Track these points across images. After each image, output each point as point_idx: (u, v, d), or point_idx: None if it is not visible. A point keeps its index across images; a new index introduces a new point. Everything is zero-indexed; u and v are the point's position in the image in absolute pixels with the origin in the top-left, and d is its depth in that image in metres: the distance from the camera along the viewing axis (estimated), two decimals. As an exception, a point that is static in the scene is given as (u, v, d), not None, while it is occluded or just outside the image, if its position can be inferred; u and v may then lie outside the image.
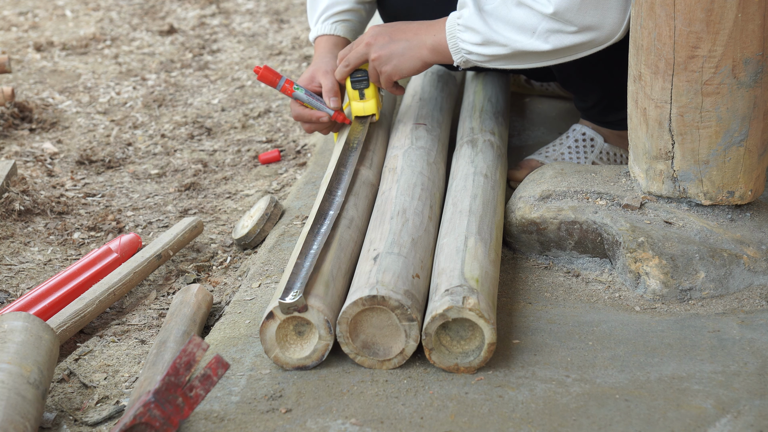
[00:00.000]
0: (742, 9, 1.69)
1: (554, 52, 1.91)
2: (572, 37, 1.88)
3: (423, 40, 2.01)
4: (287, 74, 3.36)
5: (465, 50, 1.97)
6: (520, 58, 1.95)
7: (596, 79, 2.13)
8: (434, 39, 2.00)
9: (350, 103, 2.12)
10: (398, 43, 2.03)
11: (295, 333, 1.58)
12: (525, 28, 1.90)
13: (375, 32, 2.06)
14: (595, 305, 1.79)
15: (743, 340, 1.65)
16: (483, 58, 1.97)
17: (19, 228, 2.31)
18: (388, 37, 2.04)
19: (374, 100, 2.11)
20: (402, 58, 2.03)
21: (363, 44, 2.06)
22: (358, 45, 2.07)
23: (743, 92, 1.75)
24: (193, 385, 1.42)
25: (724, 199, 1.84)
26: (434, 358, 1.56)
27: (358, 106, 2.11)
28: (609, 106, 2.16)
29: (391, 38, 2.04)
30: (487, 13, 1.94)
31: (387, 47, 2.03)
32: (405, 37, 2.03)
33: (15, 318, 1.63)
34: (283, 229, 2.10)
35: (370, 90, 2.10)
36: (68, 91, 3.26)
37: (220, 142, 2.83)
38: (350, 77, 2.10)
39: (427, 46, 2.01)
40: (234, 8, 4.12)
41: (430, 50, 2.01)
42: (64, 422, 1.59)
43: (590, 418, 1.45)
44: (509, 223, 1.94)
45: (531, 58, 1.94)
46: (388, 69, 2.04)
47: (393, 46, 2.03)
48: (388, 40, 2.03)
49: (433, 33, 2.01)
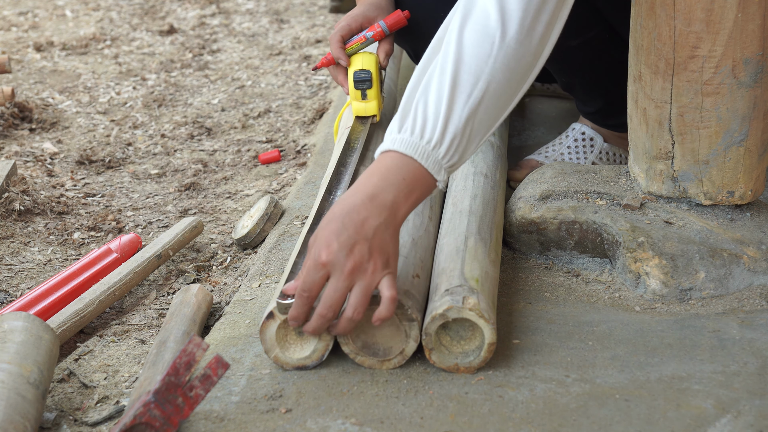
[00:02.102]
0: (742, 9, 1.69)
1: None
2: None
3: (378, 208, 1.51)
4: (287, 74, 3.36)
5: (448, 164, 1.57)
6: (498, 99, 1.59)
7: (600, 90, 2.13)
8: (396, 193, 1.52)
9: (351, 102, 2.11)
10: (361, 240, 1.49)
11: (295, 333, 1.58)
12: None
13: (323, 245, 1.49)
14: (595, 305, 1.79)
15: (743, 340, 1.65)
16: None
17: (19, 228, 2.31)
18: (347, 243, 1.48)
19: (376, 101, 2.10)
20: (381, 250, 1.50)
21: (319, 265, 1.49)
22: (314, 268, 1.49)
23: (743, 92, 1.75)
24: (193, 385, 1.42)
25: (724, 199, 1.84)
26: (434, 358, 1.56)
27: (360, 107, 2.10)
28: (611, 111, 2.16)
29: (349, 241, 1.48)
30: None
31: (353, 256, 1.48)
32: (358, 229, 1.49)
33: (15, 318, 1.63)
34: (283, 229, 2.10)
35: (372, 90, 2.08)
36: (68, 91, 3.26)
37: (220, 142, 2.83)
38: (353, 76, 2.08)
39: (393, 208, 1.51)
40: (234, 8, 4.12)
41: (401, 207, 1.52)
42: (64, 422, 1.59)
43: (590, 418, 1.45)
44: (509, 223, 1.94)
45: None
46: (377, 275, 1.49)
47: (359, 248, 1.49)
48: (348, 246, 1.48)
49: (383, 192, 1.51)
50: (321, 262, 1.48)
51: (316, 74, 3.33)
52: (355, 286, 1.48)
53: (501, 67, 1.56)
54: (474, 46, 1.56)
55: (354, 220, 1.49)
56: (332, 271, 1.48)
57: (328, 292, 1.49)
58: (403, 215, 1.53)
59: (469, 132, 1.55)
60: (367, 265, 1.48)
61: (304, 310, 1.51)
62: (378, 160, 1.56)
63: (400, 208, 1.52)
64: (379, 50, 2.11)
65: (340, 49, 2.10)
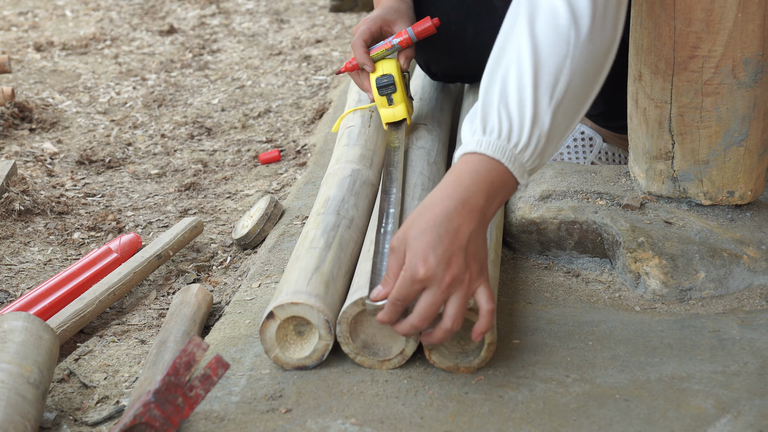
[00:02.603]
0: (742, 9, 1.69)
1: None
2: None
3: (461, 208, 1.48)
4: (287, 74, 3.36)
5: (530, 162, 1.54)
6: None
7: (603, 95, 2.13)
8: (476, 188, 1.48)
9: (379, 110, 2.04)
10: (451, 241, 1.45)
11: (295, 333, 1.58)
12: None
13: (416, 251, 1.45)
14: (595, 305, 1.79)
15: (743, 340, 1.65)
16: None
17: (19, 228, 2.31)
18: (439, 247, 1.45)
19: (403, 104, 2.03)
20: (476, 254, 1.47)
21: (416, 280, 1.45)
22: (410, 281, 1.45)
23: (743, 92, 1.75)
24: (193, 385, 1.42)
25: (724, 199, 1.84)
26: (434, 358, 1.56)
27: (388, 113, 2.04)
28: (612, 114, 2.16)
29: (441, 243, 1.45)
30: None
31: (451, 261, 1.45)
32: (442, 227, 1.46)
33: (15, 318, 1.63)
34: (283, 229, 2.10)
35: (398, 94, 2.02)
36: (68, 91, 3.26)
37: (220, 142, 2.83)
38: (376, 83, 2.01)
39: (475, 208, 1.48)
40: (234, 8, 4.12)
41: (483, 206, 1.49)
42: (64, 422, 1.59)
43: (590, 418, 1.45)
44: (509, 223, 1.94)
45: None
46: (477, 282, 1.47)
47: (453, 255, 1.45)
48: (442, 250, 1.45)
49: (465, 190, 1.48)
50: (419, 278, 1.44)
51: (316, 74, 3.33)
52: (452, 297, 1.46)
53: (579, 65, 1.52)
54: (550, 45, 1.52)
55: (449, 230, 1.45)
56: (429, 286, 1.45)
57: (425, 305, 1.45)
58: (491, 217, 1.50)
59: (552, 134, 1.53)
60: (464, 276, 1.45)
61: (396, 317, 1.48)
62: (463, 162, 1.51)
63: (489, 210, 1.49)
64: (400, 54, 2.08)
65: (365, 55, 2.05)
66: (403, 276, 1.45)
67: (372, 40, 2.08)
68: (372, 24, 2.07)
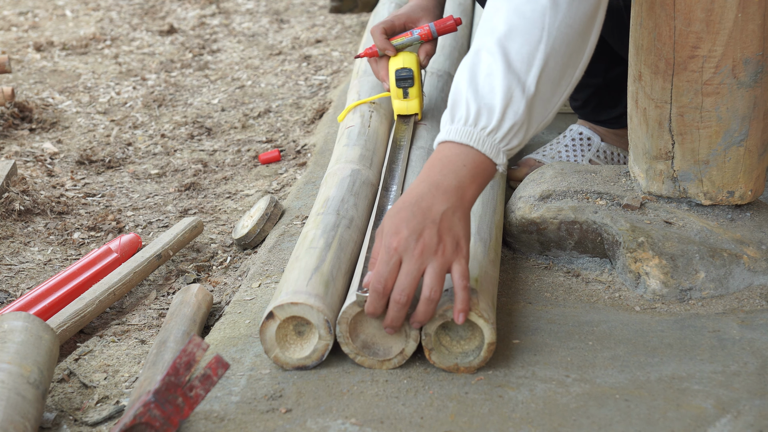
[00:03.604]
0: (742, 9, 1.69)
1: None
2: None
3: (444, 194, 1.53)
4: (287, 74, 3.36)
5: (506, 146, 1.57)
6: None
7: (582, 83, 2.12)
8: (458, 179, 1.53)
9: (393, 101, 2.07)
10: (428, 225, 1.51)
11: (295, 333, 1.58)
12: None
13: (393, 233, 1.51)
14: (595, 305, 1.79)
15: (743, 340, 1.65)
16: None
17: (19, 228, 2.31)
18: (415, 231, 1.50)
19: (417, 100, 2.06)
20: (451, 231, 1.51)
21: (391, 250, 1.50)
22: (386, 255, 1.50)
23: (743, 92, 1.75)
24: (193, 385, 1.42)
25: (724, 199, 1.84)
26: (434, 358, 1.56)
27: (401, 105, 2.07)
28: (600, 104, 2.16)
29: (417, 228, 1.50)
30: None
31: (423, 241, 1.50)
32: (424, 215, 1.51)
33: (15, 318, 1.63)
34: (283, 229, 2.10)
35: (414, 89, 2.05)
36: (68, 91, 3.26)
37: (220, 142, 2.83)
38: (395, 75, 2.04)
39: (461, 190, 1.53)
40: (234, 8, 4.12)
41: (468, 188, 1.54)
42: (64, 422, 1.59)
43: (590, 418, 1.45)
44: (509, 223, 1.94)
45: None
46: (455, 259, 1.51)
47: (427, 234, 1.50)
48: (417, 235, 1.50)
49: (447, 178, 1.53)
50: (393, 248, 1.49)
51: (316, 74, 3.33)
52: (428, 268, 1.49)
53: (557, 41, 1.52)
54: (523, 18, 1.52)
55: (421, 207, 1.51)
56: (403, 256, 1.49)
57: (400, 277, 1.49)
58: (470, 198, 1.54)
59: (527, 115, 1.54)
60: (436, 247, 1.49)
61: (381, 303, 1.51)
62: (437, 151, 1.57)
63: (467, 191, 1.53)
64: (421, 50, 2.09)
65: (385, 41, 2.06)
66: (381, 253, 1.51)
67: (393, 33, 2.10)
68: (396, 18, 2.09)
